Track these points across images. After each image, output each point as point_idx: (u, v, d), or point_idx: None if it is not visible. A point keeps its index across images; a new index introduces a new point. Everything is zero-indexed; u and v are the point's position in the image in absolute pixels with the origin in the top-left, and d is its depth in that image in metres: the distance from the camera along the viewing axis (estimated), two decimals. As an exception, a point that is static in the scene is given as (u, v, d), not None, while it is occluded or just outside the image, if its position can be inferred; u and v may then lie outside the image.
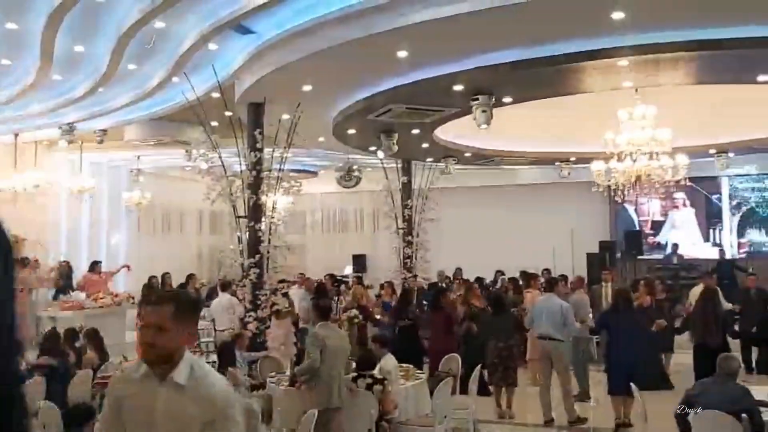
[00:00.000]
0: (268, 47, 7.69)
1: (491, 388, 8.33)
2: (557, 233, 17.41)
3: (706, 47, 6.86)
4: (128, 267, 13.80)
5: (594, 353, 9.40)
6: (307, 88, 8.64)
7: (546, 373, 7.95)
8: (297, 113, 8.93)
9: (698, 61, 7.49)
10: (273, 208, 9.10)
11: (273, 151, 9.18)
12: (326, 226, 20.88)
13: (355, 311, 9.91)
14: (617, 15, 6.21)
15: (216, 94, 8.95)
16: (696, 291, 10.67)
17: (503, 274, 14.11)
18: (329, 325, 6.15)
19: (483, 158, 14.56)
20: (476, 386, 7.31)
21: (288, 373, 7.19)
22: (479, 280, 12.26)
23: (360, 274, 15.78)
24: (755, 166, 16.07)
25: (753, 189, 17.41)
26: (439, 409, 6.51)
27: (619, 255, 17.13)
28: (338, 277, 14.74)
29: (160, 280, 12.47)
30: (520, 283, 11.67)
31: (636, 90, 8.99)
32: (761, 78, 7.87)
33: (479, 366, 7.55)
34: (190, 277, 12.42)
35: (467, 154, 13.77)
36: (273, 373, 7.27)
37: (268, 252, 8.99)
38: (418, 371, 7.43)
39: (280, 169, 9.13)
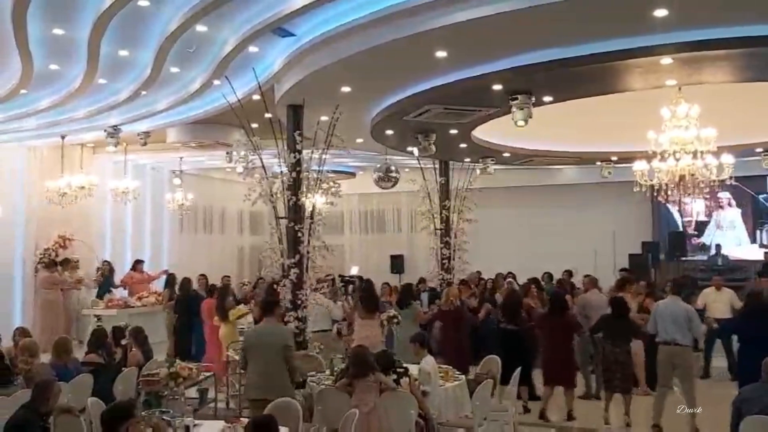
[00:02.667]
0: (307, 50, 7.76)
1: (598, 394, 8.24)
2: (599, 234, 17.20)
3: (751, 44, 6.68)
4: (166, 271, 14.06)
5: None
6: (345, 89, 8.69)
7: (667, 378, 7.79)
8: (335, 114, 8.99)
9: (742, 58, 7.30)
10: (312, 208, 9.17)
11: (312, 152, 9.25)
12: (364, 227, 20.96)
13: (393, 311, 9.95)
14: (660, 12, 6.10)
15: (256, 97, 9.06)
16: (707, 292, 10.47)
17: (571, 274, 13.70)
18: (269, 321, 6.47)
19: (522, 158, 14.45)
20: (516, 388, 7.29)
21: (327, 372, 7.28)
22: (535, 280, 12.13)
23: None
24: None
25: (800, 188, 16.93)
26: (479, 411, 6.50)
27: (662, 256, 16.82)
28: (345, 278, 14.79)
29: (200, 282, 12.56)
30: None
31: (679, 88, 8.81)
32: (809, 74, 7.64)
33: (519, 368, 7.51)
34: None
35: (506, 154, 13.68)
36: (313, 372, 7.35)
37: (308, 252, 9.06)
38: (458, 372, 7.43)
39: (319, 170, 9.20)
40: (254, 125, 9.51)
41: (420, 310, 9.77)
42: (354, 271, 17.70)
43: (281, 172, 9.25)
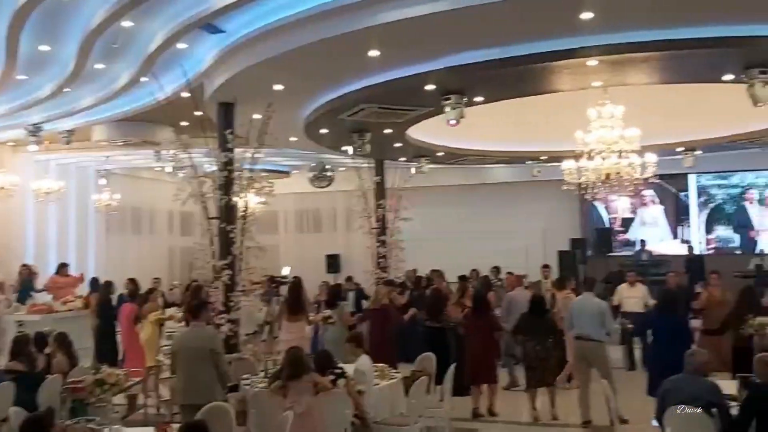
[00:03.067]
0: (238, 46, 7.63)
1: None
2: (530, 231, 17.60)
3: (672, 47, 6.97)
4: (81, 277, 13.50)
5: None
6: (277, 87, 8.59)
7: (584, 373, 7.91)
8: (268, 113, 8.88)
9: (664, 60, 7.61)
10: (245, 208, 9.02)
11: (244, 151, 9.11)
12: (299, 227, 20.80)
13: (329, 312, 9.89)
14: (586, 15, 6.28)
15: (186, 94, 8.85)
16: (622, 288, 10.85)
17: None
18: (197, 325, 6.39)
19: (455, 157, 14.63)
20: (451, 385, 7.34)
21: (261, 374, 7.17)
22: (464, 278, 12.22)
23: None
24: (722, 163, 16.34)
25: (719, 186, 17.75)
26: (414, 409, 6.53)
27: (590, 252, 17.34)
28: (277, 278, 14.61)
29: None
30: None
31: (605, 89, 9.10)
32: (725, 77, 8.00)
33: (453, 365, 7.57)
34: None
35: (440, 154, 13.82)
36: (247, 375, 7.23)
37: (241, 253, 8.91)
38: (395, 371, 7.44)
39: (251, 170, 9.06)
40: (184, 123, 9.31)
41: (347, 311, 9.65)
42: (286, 271, 17.48)
43: (212, 171, 9.06)
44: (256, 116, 8.96)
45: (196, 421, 4.67)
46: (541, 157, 14.68)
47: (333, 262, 18.60)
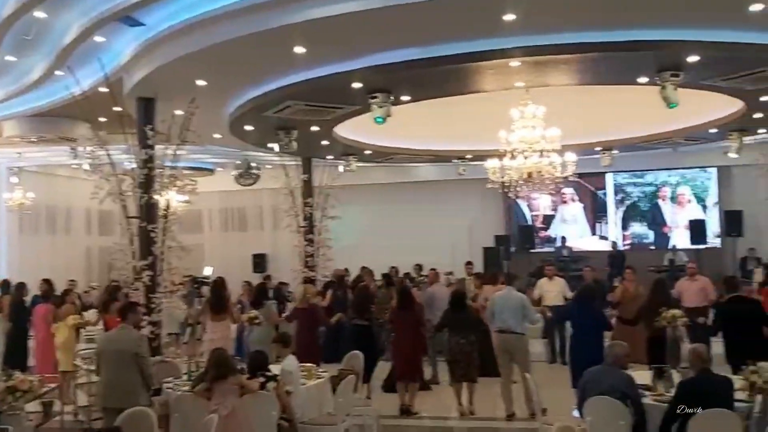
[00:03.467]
0: (159, 40, 7.41)
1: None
2: (456, 229, 17.87)
3: (590, 50, 7.22)
4: None
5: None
6: (200, 83, 8.41)
7: (506, 366, 7.99)
8: (191, 109, 8.67)
9: (583, 63, 7.87)
10: (166, 207, 8.78)
11: (165, 147, 8.85)
12: (225, 225, 20.38)
13: (255, 312, 9.74)
14: (508, 17, 6.42)
15: (104, 89, 8.53)
16: (542, 282, 11.21)
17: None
18: (123, 327, 6.26)
19: (383, 156, 14.70)
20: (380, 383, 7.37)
21: (185, 377, 7.00)
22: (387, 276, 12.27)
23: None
24: (637, 162, 17.05)
25: (635, 184, 18.51)
26: (341, 408, 6.52)
27: (513, 249, 17.76)
28: (199, 279, 14.30)
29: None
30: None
31: (527, 90, 9.33)
32: (640, 80, 8.34)
33: (384, 361, 7.59)
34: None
35: (367, 152, 13.85)
36: (170, 378, 7.05)
37: (162, 253, 8.67)
38: (321, 370, 7.40)
39: (173, 167, 8.82)
40: (102, 119, 8.97)
41: (274, 311, 9.50)
42: (208, 271, 17.09)
43: (132, 168, 8.76)
44: (178, 112, 8.73)
45: (112, 428, 4.51)
46: (467, 156, 14.93)
47: (259, 262, 18.34)
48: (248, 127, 10.87)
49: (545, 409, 7.18)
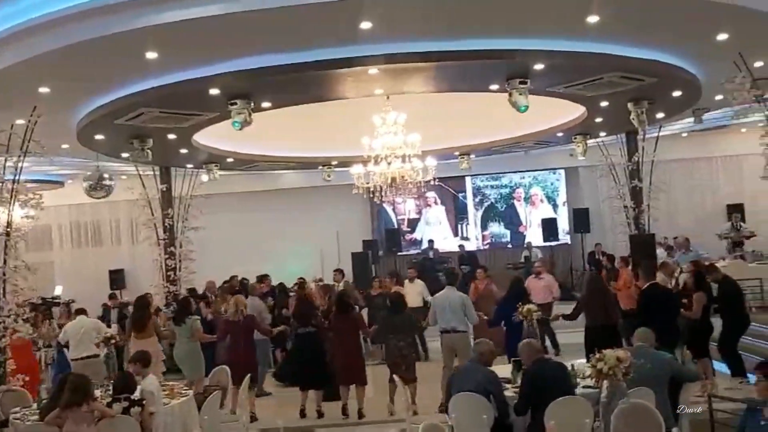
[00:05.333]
0: (-7, 43, 6.82)
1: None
2: (324, 235, 17.90)
3: (444, 58, 7.47)
4: None
5: None
6: (43, 90, 7.83)
7: (449, 363, 8.16)
8: (33, 117, 8.06)
9: (438, 70, 8.12)
10: (8, 223, 8.09)
11: (5, 160, 8.16)
12: (78, 241, 19.10)
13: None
14: (365, 25, 6.50)
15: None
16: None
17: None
18: None
19: (246, 163, 14.43)
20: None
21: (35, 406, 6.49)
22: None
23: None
24: (493, 165, 17.91)
25: (492, 187, 19.41)
26: (207, 425, 6.31)
27: (381, 252, 18.05)
28: (48, 300, 13.47)
29: None
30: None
31: (387, 97, 9.51)
32: (492, 87, 8.74)
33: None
34: None
35: (229, 160, 13.53)
36: (17, 408, 6.52)
37: (5, 274, 7.98)
38: (185, 388, 7.12)
39: (15, 181, 8.16)
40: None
41: (198, 327, 8.98)
42: (58, 291, 15.94)
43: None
44: (20, 122, 8.10)
45: None
46: (332, 163, 14.99)
47: (117, 278, 17.34)
48: (99, 136, 10.27)
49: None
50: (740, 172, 17.45)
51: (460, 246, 17.98)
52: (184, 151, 11.83)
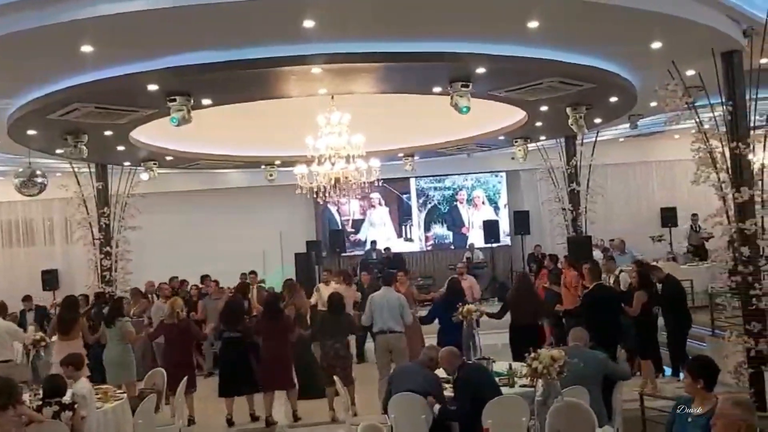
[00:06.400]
0: None
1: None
2: (267, 235, 17.74)
3: (388, 59, 7.46)
4: None
5: None
6: (-31, 82, 7.51)
7: (385, 364, 8.18)
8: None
9: (381, 71, 8.12)
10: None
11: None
12: (8, 240, 18.35)
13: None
14: (308, 23, 6.44)
15: None
16: (320, 287, 11.65)
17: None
18: None
19: (186, 162, 14.15)
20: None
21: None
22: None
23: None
24: (437, 167, 18.08)
25: (435, 188, 19.58)
26: (141, 429, 6.16)
27: (324, 253, 17.98)
28: None
29: None
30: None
31: (332, 97, 9.47)
32: (435, 89, 8.79)
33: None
34: None
35: (169, 158, 13.24)
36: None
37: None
38: (119, 391, 6.94)
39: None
40: None
41: (130, 329, 8.71)
42: None
43: None
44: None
45: None
46: (276, 162, 14.83)
47: (50, 279, 16.72)
48: (31, 132, 9.90)
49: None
50: (673, 176, 18.09)
51: (386, 248, 18.06)
52: (121, 148, 11.51)
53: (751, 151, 7.35)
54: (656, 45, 7.66)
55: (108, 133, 10.14)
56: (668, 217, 17.27)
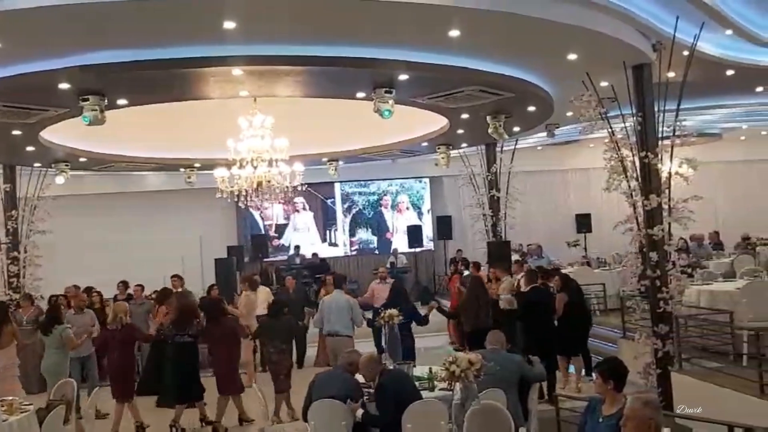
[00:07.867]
0: None
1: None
2: (186, 240, 17.32)
3: (310, 63, 7.42)
4: None
5: None
6: None
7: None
8: None
9: (304, 75, 8.06)
10: None
11: None
12: None
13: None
14: (229, 24, 6.32)
15: None
16: (247, 294, 11.63)
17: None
18: None
19: (100, 163, 13.63)
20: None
21: None
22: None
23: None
24: (362, 172, 18.10)
25: (360, 193, 19.63)
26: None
27: (246, 258, 17.70)
28: None
29: None
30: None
31: (255, 99, 9.32)
32: (359, 94, 8.81)
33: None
34: None
35: (82, 159, 12.72)
36: None
37: None
38: (26, 403, 6.59)
39: None
40: None
41: (70, 335, 8.23)
42: None
43: None
44: None
45: None
46: (195, 165, 14.50)
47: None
48: (-70, 130, 9.33)
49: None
50: (588, 183, 18.77)
51: (314, 254, 18.00)
52: (30, 148, 10.98)
53: (659, 160, 7.67)
54: (572, 57, 7.92)
55: (16, 132, 9.66)
56: (583, 223, 17.92)
